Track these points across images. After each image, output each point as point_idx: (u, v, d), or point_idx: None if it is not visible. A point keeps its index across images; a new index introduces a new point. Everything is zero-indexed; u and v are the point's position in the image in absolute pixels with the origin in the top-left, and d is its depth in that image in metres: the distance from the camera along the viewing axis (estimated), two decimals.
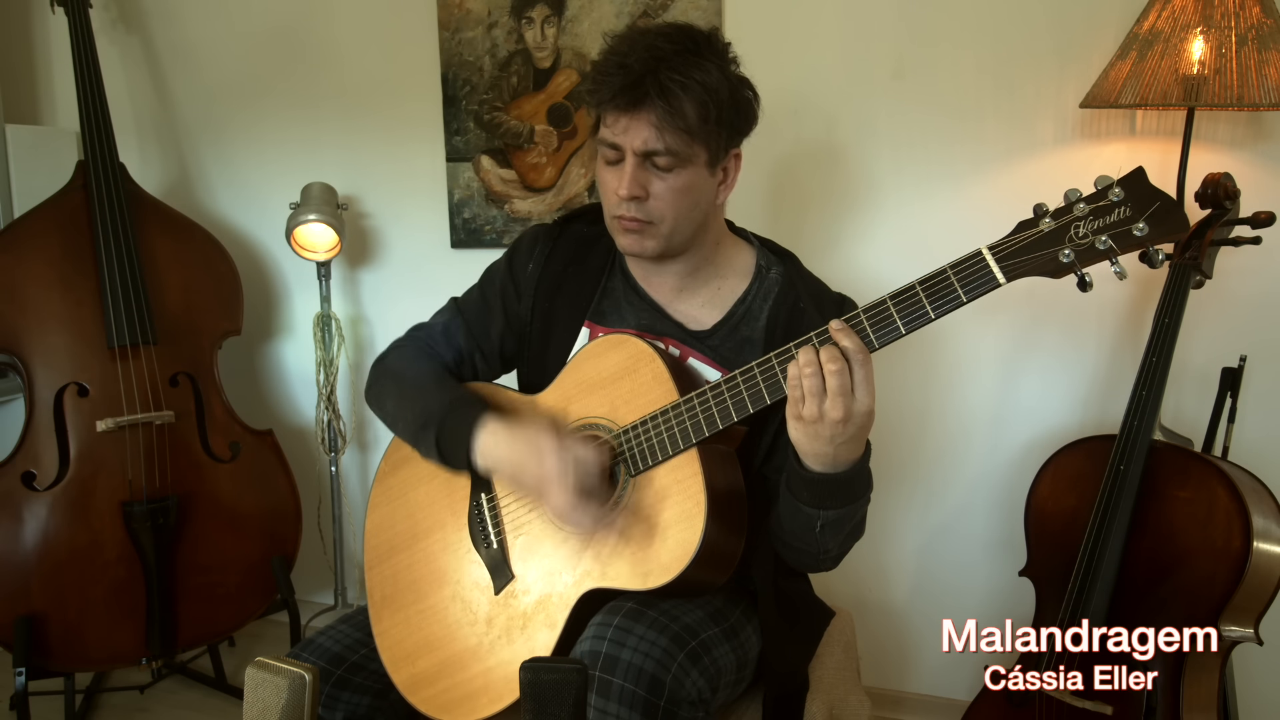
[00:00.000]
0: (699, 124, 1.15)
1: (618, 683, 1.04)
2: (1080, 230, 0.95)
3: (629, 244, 1.24)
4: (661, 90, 1.13)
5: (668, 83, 1.13)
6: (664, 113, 1.14)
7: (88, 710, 2.21)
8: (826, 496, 1.11)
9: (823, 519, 1.12)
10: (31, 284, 2.01)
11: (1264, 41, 1.51)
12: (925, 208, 1.97)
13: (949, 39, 1.90)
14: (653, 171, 1.19)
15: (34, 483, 1.98)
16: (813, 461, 1.08)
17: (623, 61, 1.15)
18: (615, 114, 1.17)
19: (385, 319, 2.46)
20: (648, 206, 1.20)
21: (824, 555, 1.20)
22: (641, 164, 1.18)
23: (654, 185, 1.19)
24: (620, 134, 1.17)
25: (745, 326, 1.28)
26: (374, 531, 1.36)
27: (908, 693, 2.19)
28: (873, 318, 1.03)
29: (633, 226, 1.21)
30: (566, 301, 1.34)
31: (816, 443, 1.05)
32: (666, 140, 1.16)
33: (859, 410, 1.02)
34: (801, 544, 1.19)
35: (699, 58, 1.16)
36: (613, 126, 1.18)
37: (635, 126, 1.16)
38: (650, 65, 1.13)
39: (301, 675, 0.89)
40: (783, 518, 1.19)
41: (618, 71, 1.15)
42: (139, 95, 2.51)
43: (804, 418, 1.03)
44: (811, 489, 1.10)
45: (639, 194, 1.19)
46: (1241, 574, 1.43)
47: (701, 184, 1.22)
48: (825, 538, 1.15)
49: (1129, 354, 1.87)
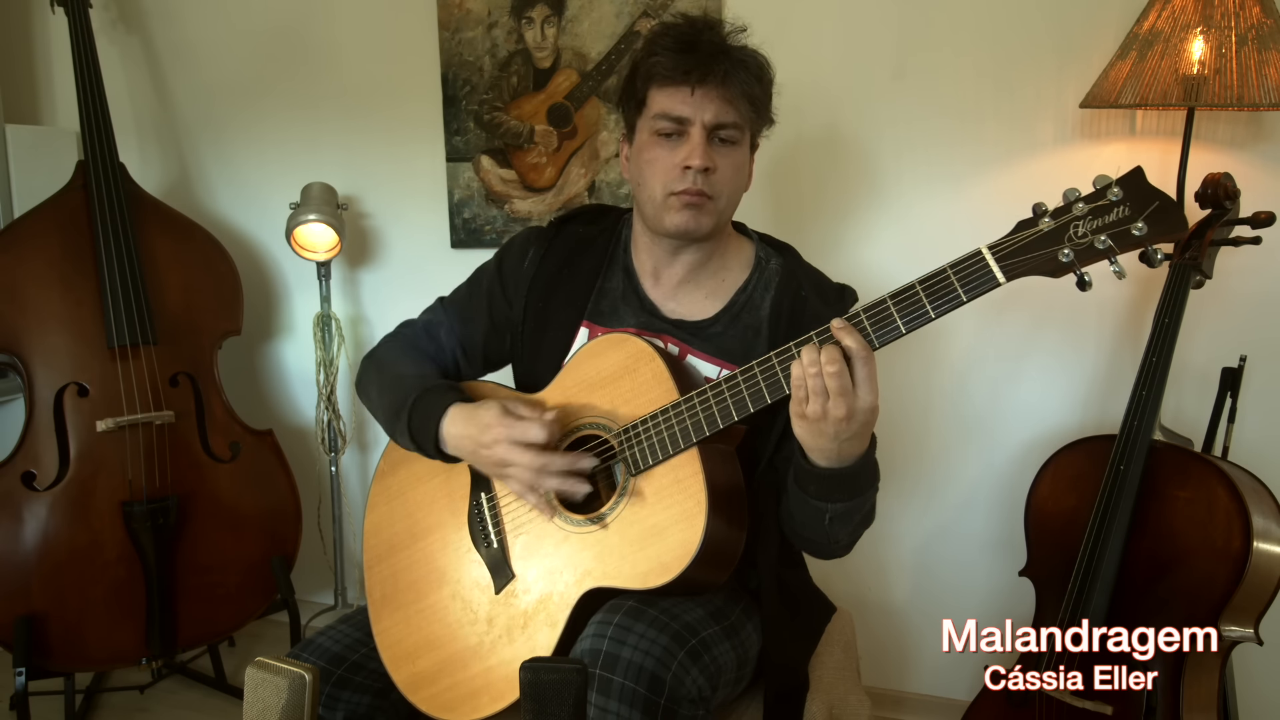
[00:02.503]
0: (759, 99, 1.22)
1: (618, 681, 1.04)
2: (1079, 230, 0.95)
3: (685, 220, 1.23)
4: (734, 64, 1.19)
5: (739, 57, 1.20)
6: (740, 82, 1.19)
7: (88, 710, 2.21)
8: (834, 490, 1.12)
9: (831, 511, 1.14)
10: (31, 284, 2.01)
11: (1264, 41, 1.51)
12: (926, 208, 1.97)
13: (949, 40, 1.90)
14: (715, 147, 1.22)
15: (34, 483, 1.98)
16: (818, 457, 1.08)
17: (695, 37, 1.20)
18: (686, 86, 1.19)
19: (385, 319, 2.45)
20: (712, 179, 1.22)
21: (835, 544, 1.22)
22: (708, 137, 1.21)
23: (717, 159, 1.22)
24: (689, 106, 1.20)
25: (747, 315, 1.29)
26: (373, 530, 1.36)
27: (908, 693, 2.19)
28: (873, 317, 1.03)
29: (696, 200, 1.22)
30: (562, 302, 1.35)
31: (821, 439, 1.05)
32: (736, 112, 1.20)
33: (862, 408, 1.03)
34: (812, 534, 1.20)
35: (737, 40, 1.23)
36: (679, 99, 1.20)
37: (708, 99, 1.19)
38: (723, 42, 1.21)
39: (301, 675, 0.89)
40: (793, 510, 1.20)
41: (690, 47, 1.19)
42: (139, 95, 2.51)
43: (808, 416, 1.04)
44: (818, 483, 1.11)
45: (711, 164, 1.21)
46: (1241, 574, 1.43)
47: (746, 164, 1.28)
48: (835, 529, 1.17)
49: (1129, 354, 1.87)
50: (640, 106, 1.25)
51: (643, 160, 1.25)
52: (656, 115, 1.22)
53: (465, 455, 1.23)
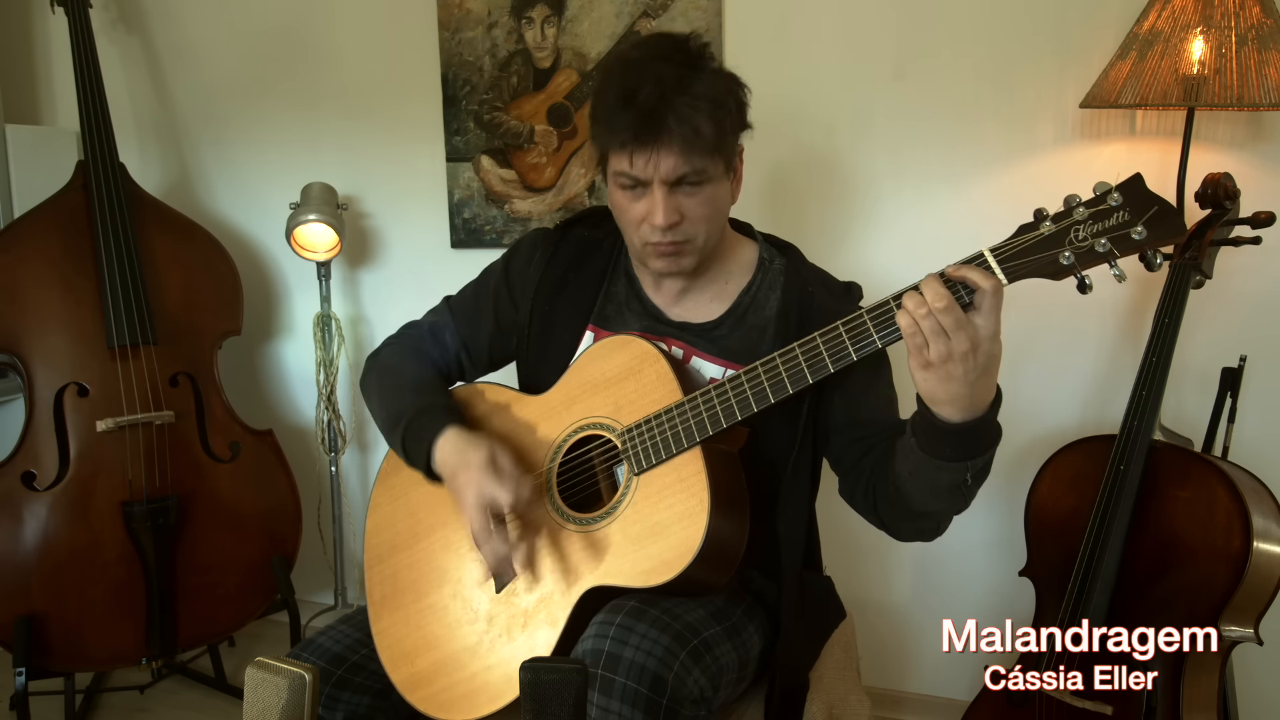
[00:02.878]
0: (717, 139, 1.15)
1: (620, 681, 1.04)
2: (1080, 234, 0.96)
3: (665, 266, 1.24)
4: (679, 118, 1.12)
5: (683, 109, 1.12)
6: (686, 138, 1.13)
7: (88, 710, 2.21)
8: (973, 444, 1.06)
9: (973, 469, 1.08)
10: (31, 284, 2.01)
11: (1264, 41, 1.51)
12: (925, 208, 1.97)
13: (949, 40, 1.90)
14: (681, 193, 1.18)
15: (34, 483, 1.98)
16: (952, 410, 1.03)
17: (631, 97, 1.13)
18: (635, 151, 1.15)
19: (385, 319, 2.45)
20: (682, 228, 1.20)
21: (959, 509, 1.16)
22: (669, 190, 1.17)
23: (685, 205, 1.19)
24: (644, 168, 1.16)
25: (752, 315, 1.29)
26: (375, 530, 1.36)
27: (908, 693, 2.19)
28: (876, 318, 1.04)
29: (669, 250, 1.21)
30: (568, 305, 1.35)
31: (951, 385, 1.00)
32: (693, 163, 1.15)
33: (985, 335, 0.99)
34: (942, 505, 1.15)
35: (697, 71, 1.15)
36: (632, 161, 1.16)
37: (660, 158, 1.15)
38: (661, 94, 1.12)
39: (301, 675, 0.88)
40: (912, 491, 1.14)
41: (626, 108, 1.13)
42: (139, 95, 2.51)
43: (932, 361, 0.99)
44: (957, 440, 1.05)
45: (676, 219, 1.19)
46: (1241, 574, 1.43)
47: (722, 192, 1.23)
48: (973, 488, 1.11)
49: (1129, 354, 1.87)
50: (602, 158, 1.22)
51: (614, 205, 1.24)
52: (615, 173, 1.20)
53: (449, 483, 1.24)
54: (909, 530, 1.24)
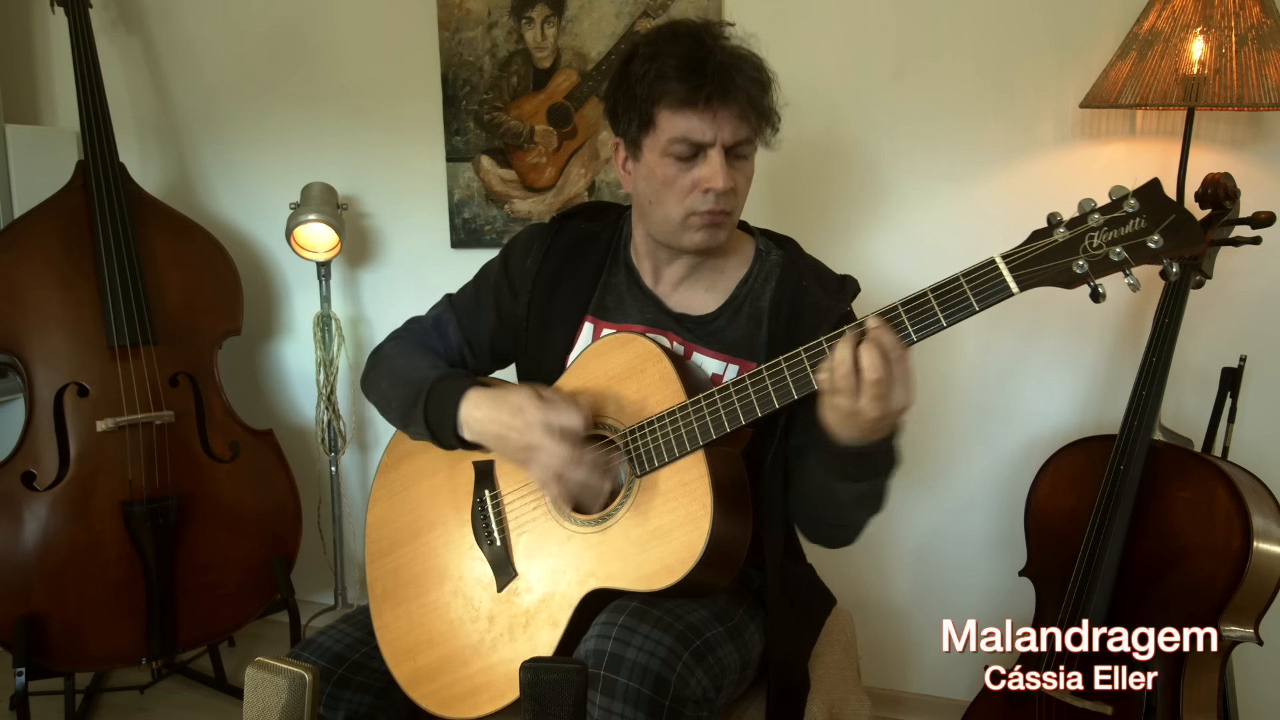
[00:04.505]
0: (769, 108, 1.20)
1: (623, 681, 1.04)
2: (1094, 241, 0.94)
3: (705, 239, 1.23)
4: (746, 80, 1.16)
5: (749, 72, 1.17)
6: (751, 101, 1.17)
7: (88, 710, 2.21)
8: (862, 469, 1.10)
9: (855, 491, 1.13)
10: (31, 284, 2.00)
11: (1264, 41, 1.51)
12: (925, 207, 1.97)
13: (949, 39, 1.90)
14: (733, 162, 1.20)
15: (34, 483, 1.98)
16: (847, 440, 1.06)
17: (704, 56, 1.15)
18: (705, 110, 1.16)
19: (385, 319, 2.45)
20: (729, 197, 1.21)
21: (853, 528, 1.21)
22: (726, 156, 1.19)
23: (736, 176, 1.21)
24: (708, 130, 1.17)
25: (749, 307, 1.29)
26: (375, 526, 1.36)
27: (908, 693, 2.19)
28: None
29: (717, 220, 1.22)
30: (565, 298, 1.35)
31: (851, 431, 1.04)
32: (751, 127, 1.19)
33: (894, 409, 1.01)
34: (835, 518, 1.19)
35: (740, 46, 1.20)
36: (696, 124, 1.17)
37: (725, 119, 1.17)
38: (732, 55, 1.17)
39: (301, 675, 0.88)
40: (811, 494, 1.19)
41: (701, 67, 1.15)
42: (139, 95, 2.51)
43: (840, 409, 1.02)
44: (848, 463, 1.09)
45: (732, 185, 1.20)
46: (1241, 574, 1.43)
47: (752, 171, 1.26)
48: (864, 508, 1.16)
49: (1129, 354, 1.87)
50: (646, 126, 1.20)
51: (656, 181, 1.22)
52: (671, 139, 1.18)
53: (489, 439, 1.20)
54: (813, 527, 1.27)
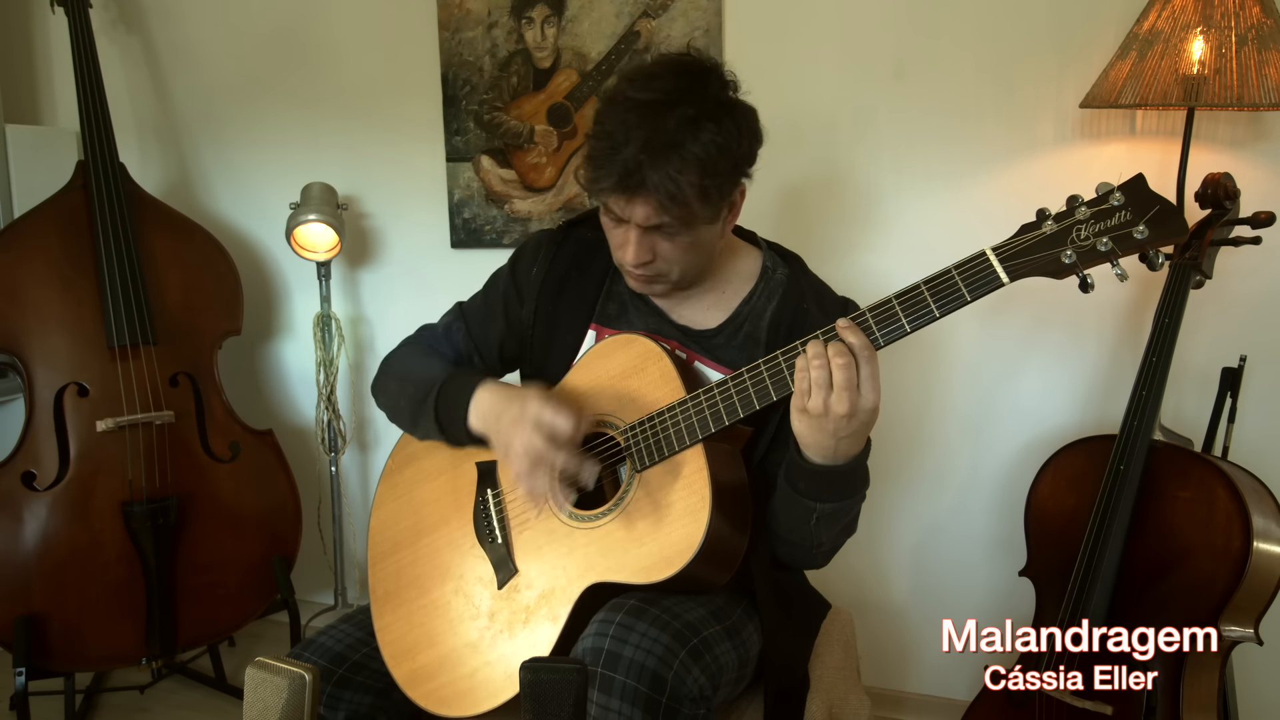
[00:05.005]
0: (702, 195, 1.12)
1: (620, 679, 1.04)
2: (1082, 233, 0.97)
3: (642, 288, 1.27)
4: (662, 178, 1.09)
5: (667, 169, 1.09)
6: (668, 195, 1.11)
7: (88, 710, 2.21)
8: (824, 488, 1.13)
9: (819, 511, 1.15)
10: (31, 284, 2.00)
11: (1264, 41, 1.51)
12: (925, 207, 1.97)
13: (949, 38, 1.90)
14: (659, 235, 1.18)
15: (34, 483, 1.98)
16: (814, 453, 1.09)
17: (617, 146, 1.10)
18: (612, 198, 1.16)
19: (385, 319, 2.46)
20: (655, 265, 1.21)
21: (817, 549, 1.22)
22: (646, 232, 1.18)
23: (660, 247, 1.20)
24: (622, 209, 1.16)
25: (749, 324, 1.29)
26: (379, 527, 1.37)
27: (908, 693, 2.19)
28: (878, 316, 1.05)
29: (641, 278, 1.24)
30: (570, 305, 1.35)
31: (819, 435, 1.06)
32: (671, 215, 1.14)
33: (864, 406, 1.04)
34: (797, 537, 1.21)
35: (697, 123, 1.11)
36: (610, 202, 1.17)
37: (635, 207, 1.15)
38: (646, 150, 1.09)
39: (301, 675, 0.88)
40: (779, 510, 1.20)
41: (612, 159, 1.11)
42: (139, 95, 2.51)
43: (809, 410, 1.05)
44: (810, 480, 1.12)
45: (647, 259, 1.20)
46: (1241, 574, 1.43)
47: (707, 233, 1.21)
48: (820, 530, 1.17)
49: (1129, 354, 1.87)
50: None
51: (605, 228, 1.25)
52: (602, 203, 1.20)
53: (488, 429, 1.22)
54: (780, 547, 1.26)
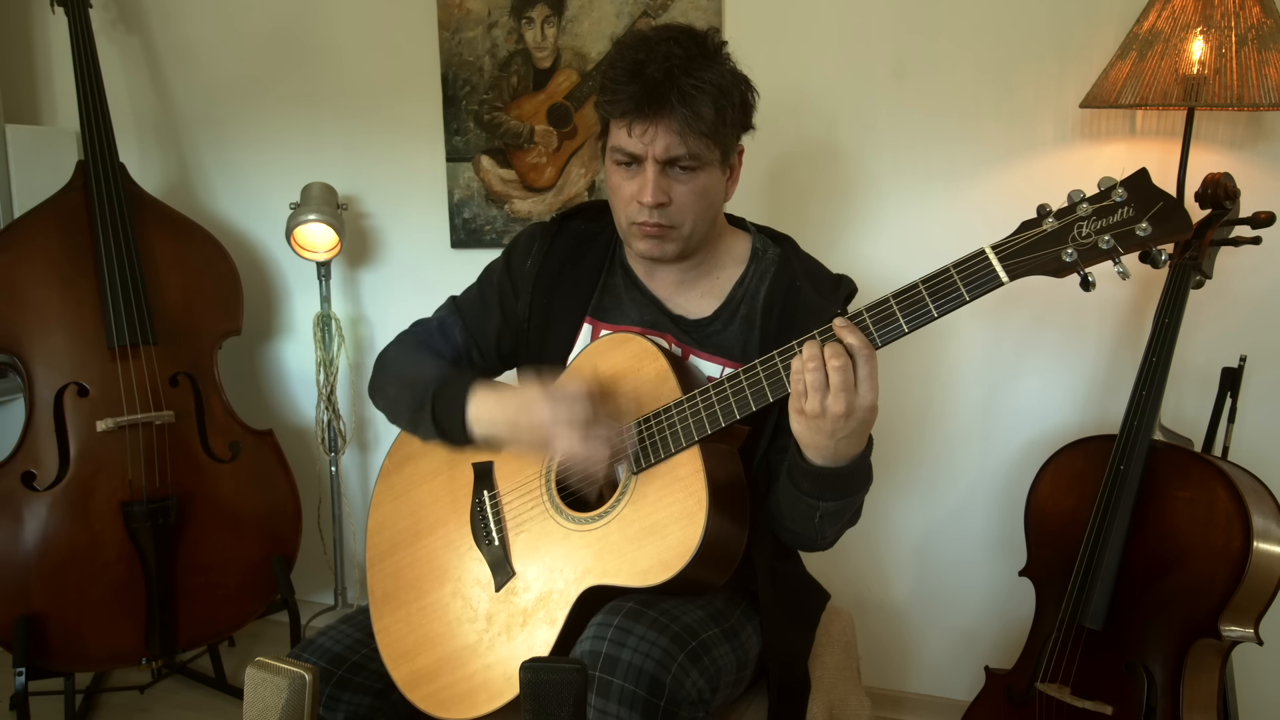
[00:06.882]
0: (716, 126, 1.16)
1: (618, 683, 1.04)
2: (1083, 230, 0.95)
3: (649, 249, 1.25)
4: (682, 96, 1.13)
5: (688, 88, 1.13)
6: (686, 118, 1.14)
7: (88, 710, 2.21)
8: (826, 488, 1.12)
9: (821, 509, 1.14)
10: (31, 284, 2.00)
11: (1264, 41, 1.51)
12: (925, 207, 1.97)
13: (949, 38, 1.90)
14: (673, 176, 1.19)
15: (34, 483, 1.98)
16: (814, 454, 1.09)
17: (639, 69, 1.14)
18: (634, 122, 1.16)
19: (385, 319, 2.46)
20: (669, 211, 1.21)
21: (821, 539, 1.22)
22: (662, 170, 1.18)
23: (675, 190, 1.20)
24: (640, 142, 1.17)
25: (744, 308, 1.30)
26: (376, 529, 1.37)
27: (908, 693, 2.19)
28: (875, 315, 1.04)
29: (654, 232, 1.22)
30: (565, 298, 1.35)
31: (818, 436, 1.06)
32: (689, 145, 1.16)
33: (862, 406, 1.03)
34: (800, 529, 1.21)
35: (708, 60, 1.17)
36: (631, 134, 1.17)
37: (658, 133, 1.16)
38: (668, 71, 1.13)
39: (301, 675, 0.88)
40: (782, 504, 1.20)
41: (633, 80, 1.14)
42: (139, 95, 2.51)
43: (806, 412, 1.04)
44: (812, 480, 1.11)
45: (664, 200, 1.19)
46: (1241, 574, 1.43)
47: (715, 184, 1.24)
48: (824, 526, 1.18)
49: (1129, 354, 1.87)
50: (603, 131, 1.25)
51: (609, 185, 1.26)
52: (613, 148, 1.21)
53: (501, 429, 1.21)
54: (784, 534, 1.27)
